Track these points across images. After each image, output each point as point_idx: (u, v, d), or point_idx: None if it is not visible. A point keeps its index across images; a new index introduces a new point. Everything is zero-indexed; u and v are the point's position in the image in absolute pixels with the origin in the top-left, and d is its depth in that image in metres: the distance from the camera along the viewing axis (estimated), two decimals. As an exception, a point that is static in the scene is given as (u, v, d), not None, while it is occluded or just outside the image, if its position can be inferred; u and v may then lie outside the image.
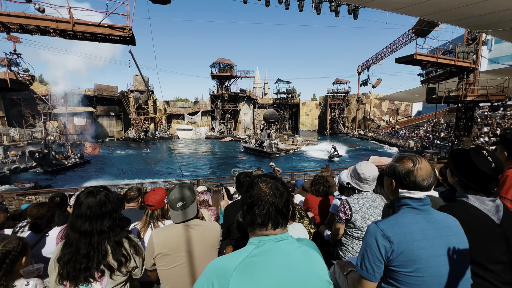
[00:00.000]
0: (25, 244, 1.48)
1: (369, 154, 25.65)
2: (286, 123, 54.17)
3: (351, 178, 1.99)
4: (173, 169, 23.00)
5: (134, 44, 11.92)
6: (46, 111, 31.91)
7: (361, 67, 45.54)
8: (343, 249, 2.05)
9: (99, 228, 1.33)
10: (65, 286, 1.28)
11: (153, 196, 1.87)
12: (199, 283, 0.81)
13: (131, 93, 41.47)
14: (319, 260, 0.89)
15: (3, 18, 9.91)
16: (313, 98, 78.42)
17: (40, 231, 2.14)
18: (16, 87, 11.65)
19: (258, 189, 0.89)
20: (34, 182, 15.93)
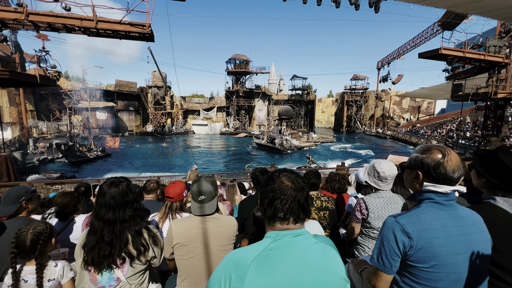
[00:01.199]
0: (52, 227, 1.60)
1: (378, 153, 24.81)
2: (301, 120, 53.49)
3: (368, 177, 1.94)
4: (189, 163, 23.53)
5: (153, 40, 12.20)
6: (71, 106, 33.66)
7: (381, 62, 43.86)
8: (359, 249, 2.01)
9: (121, 217, 1.39)
10: (89, 271, 1.36)
11: (173, 188, 1.92)
12: (217, 273, 0.82)
13: (150, 89, 42.66)
14: (336, 257, 0.89)
15: (34, 17, 10.48)
16: (329, 94, 76.77)
17: (65, 218, 2.28)
18: (44, 82, 12.34)
19: (279, 183, 0.89)
20: (61, 172, 16.92)
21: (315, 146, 32.79)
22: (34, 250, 1.44)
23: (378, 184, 1.89)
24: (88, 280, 1.37)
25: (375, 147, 34.08)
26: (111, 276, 1.37)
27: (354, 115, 50.76)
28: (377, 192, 1.93)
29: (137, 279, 1.43)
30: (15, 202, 1.82)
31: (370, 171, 1.94)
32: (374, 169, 1.90)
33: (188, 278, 1.55)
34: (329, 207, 2.42)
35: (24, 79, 11.38)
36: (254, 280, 0.76)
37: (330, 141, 36.61)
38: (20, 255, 1.44)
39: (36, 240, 1.46)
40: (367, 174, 1.96)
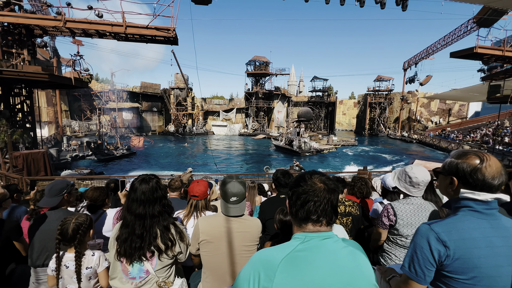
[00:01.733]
0: (91, 219, 1.72)
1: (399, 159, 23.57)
2: (321, 122, 52.48)
3: (399, 182, 1.84)
4: (208, 163, 23.99)
5: (177, 44, 12.65)
6: (100, 106, 35.84)
7: (407, 62, 41.88)
8: (385, 256, 1.92)
9: (151, 212, 1.46)
10: (122, 262, 1.43)
11: (198, 187, 1.96)
12: (246, 271, 0.83)
13: (172, 90, 44.23)
14: (366, 262, 0.87)
15: (70, 24, 11.32)
16: (351, 96, 74.64)
17: (95, 211, 2.43)
18: (78, 84, 13.27)
19: (312, 184, 0.89)
20: (90, 169, 18.02)
21: (335, 149, 31.98)
22: (74, 238, 1.57)
23: (409, 190, 1.80)
24: (120, 271, 1.44)
25: (400, 151, 32.51)
26: (141, 268, 1.43)
27: (378, 117, 48.84)
28: (407, 198, 1.83)
29: (164, 272, 1.49)
30: (58, 194, 1.98)
31: (400, 176, 1.85)
32: (405, 174, 1.80)
33: (212, 275, 1.58)
34: (353, 212, 2.33)
35: (61, 81, 12.30)
36: (284, 280, 0.76)
37: (351, 144, 35.52)
38: (63, 242, 1.58)
39: (76, 229, 1.59)
40: (397, 179, 1.87)
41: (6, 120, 11.37)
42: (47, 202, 1.97)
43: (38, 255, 1.85)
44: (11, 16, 10.79)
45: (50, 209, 1.99)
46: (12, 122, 11.74)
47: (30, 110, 12.70)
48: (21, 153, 11.57)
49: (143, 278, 1.43)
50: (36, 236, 1.87)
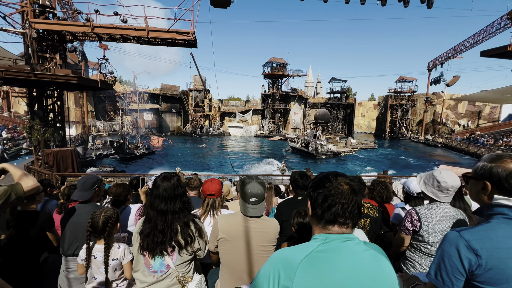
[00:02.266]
0: (118, 213, 1.82)
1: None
2: (339, 124, 51.32)
3: (425, 186, 1.75)
4: (224, 164, 24.27)
5: (196, 47, 12.96)
6: (123, 107, 37.50)
7: (432, 62, 39.91)
8: (407, 264, 1.84)
9: (172, 208, 1.51)
10: (144, 256, 1.49)
11: (213, 185, 2.00)
12: (266, 269, 0.83)
13: (190, 92, 45.36)
14: (389, 266, 0.85)
15: (98, 30, 11.96)
16: (371, 97, 72.37)
17: (118, 207, 2.55)
18: (103, 86, 13.98)
19: (338, 186, 0.88)
20: (113, 166, 18.90)
21: (354, 151, 31.11)
22: (104, 231, 1.67)
23: (436, 195, 1.71)
24: (143, 264, 1.50)
25: (423, 156, 30.98)
26: (163, 263, 1.49)
27: (399, 120, 46.91)
28: (433, 203, 1.74)
29: (184, 268, 1.53)
30: (90, 188, 2.12)
31: (427, 180, 1.76)
32: (433, 178, 1.72)
33: (230, 273, 1.60)
34: (371, 214, 2.26)
35: (88, 83, 13.03)
36: (304, 280, 0.76)
37: (370, 147, 34.39)
38: (93, 234, 1.68)
39: (106, 222, 1.70)
40: (423, 183, 1.78)
41: (39, 120, 12.23)
42: (81, 196, 2.09)
43: (69, 245, 1.97)
44: (46, 24, 11.62)
45: (80, 202, 2.12)
46: (45, 121, 12.59)
47: (60, 110, 13.56)
48: (51, 150, 12.38)
49: (164, 272, 1.48)
50: (67, 228, 2.00)
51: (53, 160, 12.21)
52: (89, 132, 33.78)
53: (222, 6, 10.92)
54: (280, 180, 10.13)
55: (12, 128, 24.80)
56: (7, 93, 30.29)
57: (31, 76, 10.77)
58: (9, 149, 20.21)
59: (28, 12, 11.32)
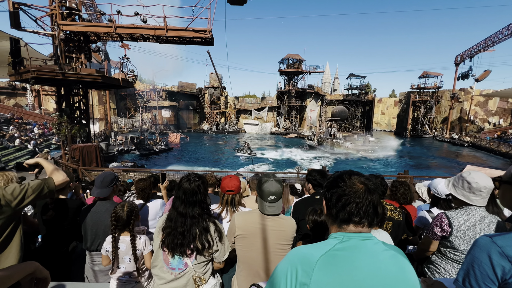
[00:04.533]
0: (137, 207, 1.89)
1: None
2: (357, 122, 49.86)
3: (454, 188, 1.65)
4: (238, 161, 24.45)
5: (212, 44, 13.09)
6: (142, 105, 38.83)
7: (460, 56, 37.52)
8: (432, 269, 1.75)
9: (191, 213, 1.51)
10: (164, 252, 1.53)
11: (233, 182, 2.00)
12: (283, 266, 0.83)
13: (207, 90, 46.01)
14: (410, 268, 0.82)
15: (120, 30, 12.42)
16: (391, 94, 69.56)
17: (144, 200, 2.64)
18: (125, 84, 14.54)
19: (351, 185, 0.86)
20: (134, 162, 19.65)
21: (372, 150, 30.13)
22: (129, 223, 1.74)
23: (468, 198, 1.60)
24: (161, 260, 1.53)
25: (448, 155, 29.38)
26: (181, 261, 1.51)
27: (422, 117, 44.72)
28: (466, 208, 1.63)
29: (201, 268, 1.54)
30: (109, 185, 2.19)
31: (456, 182, 1.65)
32: (462, 180, 1.61)
33: (246, 270, 1.61)
34: (395, 217, 2.17)
35: (111, 82, 13.60)
36: (322, 277, 0.75)
37: (390, 146, 33.13)
38: (118, 226, 1.76)
39: (130, 215, 1.77)
40: (452, 186, 1.67)
41: (67, 116, 12.97)
42: (100, 193, 2.14)
43: (92, 242, 2.07)
44: (73, 25, 12.24)
45: (98, 199, 2.19)
46: (71, 118, 13.34)
47: (85, 108, 14.29)
48: (78, 146, 13.10)
49: (182, 270, 1.50)
50: (88, 225, 2.07)
51: (79, 155, 12.93)
52: (111, 129, 35.35)
53: (239, 3, 10.91)
54: (295, 178, 10.05)
55: (42, 124, 26.52)
56: (38, 91, 32.39)
57: (59, 76, 11.42)
58: (40, 144, 21.64)
59: (56, 15, 11.97)
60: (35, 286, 1.00)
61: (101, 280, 2.06)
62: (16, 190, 1.41)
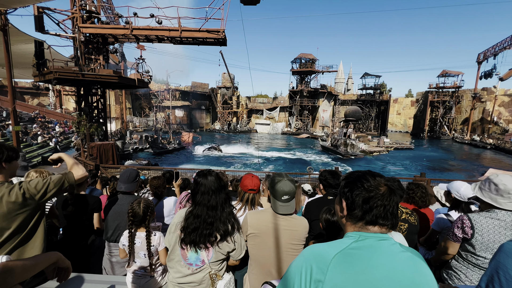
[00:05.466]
0: (153, 203, 1.94)
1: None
2: (371, 122, 48.67)
3: (481, 191, 1.58)
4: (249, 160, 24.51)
5: (225, 45, 13.20)
6: (157, 104, 39.78)
7: (483, 54, 35.81)
8: (451, 274, 1.68)
9: (221, 200, 1.54)
10: (182, 249, 1.54)
11: (255, 181, 2.01)
12: (298, 263, 0.83)
13: (219, 90, 46.45)
14: (429, 271, 0.79)
15: (136, 32, 12.79)
16: (408, 94, 67.39)
17: (158, 197, 2.72)
18: (140, 85, 14.95)
19: (377, 186, 0.85)
20: (148, 160, 20.17)
21: (387, 151, 29.32)
22: (145, 219, 1.80)
23: (496, 200, 1.53)
24: (179, 254, 1.56)
25: (468, 158, 28.09)
26: (198, 257, 1.53)
27: (441, 118, 43.04)
28: (491, 211, 1.56)
29: (217, 265, 1.56)
30: (134, 180, 2.32)
31: (483, 185, 1.59)
32: (489, 182, 1.55)
33: (258, 268, 1.61)
34: (411, 220, 2.11)
35: (127, 82, 14.02)
36: (337, 275, 0.74)
37: (406, 148, 32.09)
38: (135, 222, 1.81)
39: (146, 211, 1.82)
40: (479, 189, 1.60)
41: (86, 115, 13.50)
42: (127, 187, 2.29)
43: (112, 232, 2.17)
44: (93, 28, 12.74)
45: (122, 193, 2.31)
46: (90, 117, 13.89)
47: (103, 107, 14.83)
48: (95, 144, 13.61)
49: (199, 267, 1.52)
50: (110, 216, 2.19)
51: (96, 152, 13.43)
52: (127, 127, 36.44)
53: (252, 3, 10.94)
54: (306, 178, 9.96)
55: (63, 123, 27.75)
56: (60, 92, 33.94)
57: (79, 76, 11.91)
58: (61, 141, 22.67)
59: (77, 18, 12.48)
60: (58, 275, 1.05)
61: (117, 271, 2.14)
62: (39, 184, 1.49)
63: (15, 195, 1.40)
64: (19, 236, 1.43)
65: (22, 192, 1.42)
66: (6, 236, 1.38)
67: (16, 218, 1.40)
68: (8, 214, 1.38)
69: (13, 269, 0.82)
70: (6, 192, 1.40)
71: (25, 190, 1.44)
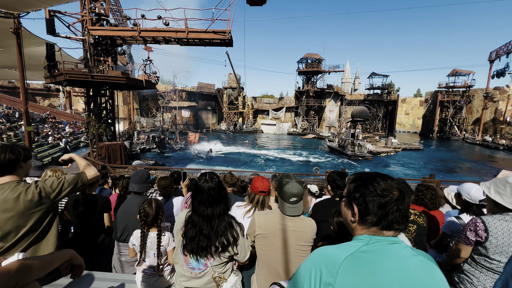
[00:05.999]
0: (162, 203, 1.97)
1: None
2: (379, 123, 48.01)
3: (500, 196, 1.52)
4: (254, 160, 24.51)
5: (231, 45, 13.24)
6: (164, 105, 40.22)
7: (496, 52, 34.90)
8: (463, 278, 1.65)
9: (217, 212, 1.50)
10: (185, 255, 1.53)
11: (265, 183, 2.01)
12: (307, 265, 0.82)
13: (225, 90, 46.65)
14: (441, 275, 0.78)
15: (144, 33, 12.96)
16: (416, 94, 66.24)
17: (167, 197, 2.75)
18: (148, 86, 15.14)
19: (390, 190, 0.83)
20: (155, 160, 20.40)
21: (395, 152, 28.87)
22: (157, 219, 1.82)
23: None
24: (182, 259, 1.56)
25: (479, 159, 27.41)
26: (201, 261, 1.51)
27: (451, 118, 42.11)
28: (505, 214, 1.52)
29: (221, 268, 1.54)
30: (146, 181, 2.35)
31: (501, 188, 1.52)
32: (505, 183, 1.50)
33: (266, 269, 1.61)
34: (419, 222, 2.08)
35: (135, 83, 14.23)
36: (347, 279, 0.73)
37: (415, 148, 31.53)
38: (148, 222, 1.84)
39: (158, 211, 1.85)
40: (496, 193, 1.54)
41: (95, 116, 13.76)
42: (139, 188, 2.33)
43: (122, 231, 2.20)
44: (101, 30, 12.98)
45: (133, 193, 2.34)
46: (99, 118, 14.14)
47: (111, 108, 15.07)
48: (104, 144, 13.86)
49: (202, 270, 1.51)
50: (120, 216, 2.23)
51: (105, 152, 13.67)
52: (134, 128, 36.97)
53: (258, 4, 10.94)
54: (312, 179, 9.90)
55: (73, 123, 28.35)
56: (70, 93, 34.67)
57: (89, 78, 12.15)
58: (71, 141, 23.16)
59: (87, 21, 12.74)
60: (71, 272, 1.08)
61: (127, 270, 2.18)
62: (54, 183, 1.53)
63: (31, 194, 1.44)
64: (34, 233, 1.47)
65: (39, 191, 1.47)
66: (22, 234, 1.42)
67: (32, 216, 1.45)
68: (25, 212, 1.42)
69: (31, 266, 0.85)
70: (23, 190, 1.44)
71: (41, 189, 1.48)
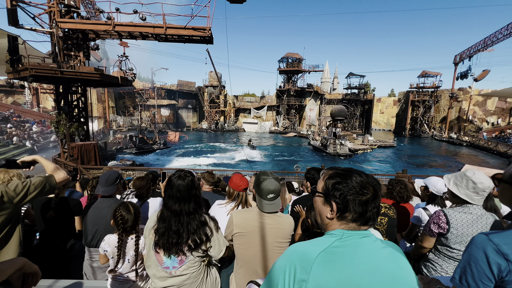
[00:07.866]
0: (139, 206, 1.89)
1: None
2: (356, 121, 49.92)
3: (458, 188, 1.64)
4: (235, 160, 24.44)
5: (212, 43, 13.04)
6: (141, 103, 38.76)
7: (459, 56, 37.60)
8: (428, 266, 1.77)
9: (186, 209, 1.48)
10: (158, 253, 1.50)
11: (245, 180, 2.03)
12: (281, 262, 0.83)
13: (206, 88, 45.91)
14: (407, 265, 0.83)
15: (118, 28, 12.35)
16: (390, 93, 69.65)
17: (142, 198, 2.64)
18: (124, 83, 14.47)
19: (367, 187, 0.86)
20: (132, 160, 19.61)
21: (371, 149, 30.19)
22: (136, 224, 1.74)
23: (471, 198, 1.61)
24: (155, 260, 1.52)
25: (446, 155, 29.50)
26: (175, 259, 1.49)
27: (421, 117, 44.83)
28: (464, 206, 1.64)
29: (196, 263, 1.53)
30: (114, 183, 2.20)
31: (459, 181, 1.64)
32: (467, 180, 1.61)
33: (244, 267, 1.62)
34: (390, 214, 2.19)
35: (109, 80, 13.53)
36: (320, 274, 0.75)
37: (389, 145, 33.20)
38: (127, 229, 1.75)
39: (137, 215, 1.77)
40: (455, 184, 1.66)
41: (65, 114, 12.91)
42: (105, 191, 2.15)
43: (92, 237, 2.07)
44: (71, 23, 12.17)
45: (101, 196, 2.20)
46: (70, 116, 13.29)
47: (84, 106, 14.23)
48: (76, 144, 13.06)
49: (177, 268, 1.49)
50: (89, 221, 2.09)
51: (77, 153, 12.89)
52: (110, 127, 35.23)
53: (238, 2, 10.89)
54: (294, 177, 10.07)
55: (41, 122, 26.41)
56: (37, 89, 32.23)
57: (58, 74, 11.36)
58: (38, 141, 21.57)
59: (55, 12, 11.88)
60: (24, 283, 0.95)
61: (99, 277, 2.06)
62: (18, 187, 1.41)
63: None
64: None
65: (0, 195, 1.34)
66: None
67: None
68: None
69: None
70: None
71: (3, 193, 1.35)
